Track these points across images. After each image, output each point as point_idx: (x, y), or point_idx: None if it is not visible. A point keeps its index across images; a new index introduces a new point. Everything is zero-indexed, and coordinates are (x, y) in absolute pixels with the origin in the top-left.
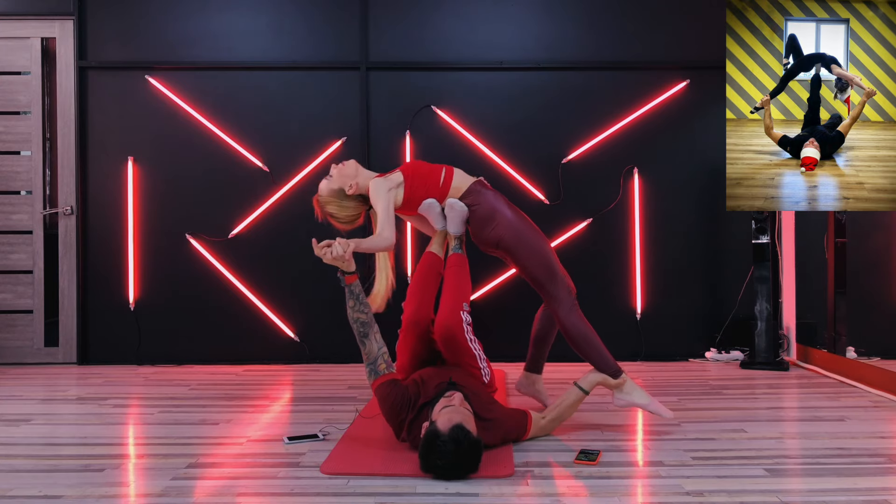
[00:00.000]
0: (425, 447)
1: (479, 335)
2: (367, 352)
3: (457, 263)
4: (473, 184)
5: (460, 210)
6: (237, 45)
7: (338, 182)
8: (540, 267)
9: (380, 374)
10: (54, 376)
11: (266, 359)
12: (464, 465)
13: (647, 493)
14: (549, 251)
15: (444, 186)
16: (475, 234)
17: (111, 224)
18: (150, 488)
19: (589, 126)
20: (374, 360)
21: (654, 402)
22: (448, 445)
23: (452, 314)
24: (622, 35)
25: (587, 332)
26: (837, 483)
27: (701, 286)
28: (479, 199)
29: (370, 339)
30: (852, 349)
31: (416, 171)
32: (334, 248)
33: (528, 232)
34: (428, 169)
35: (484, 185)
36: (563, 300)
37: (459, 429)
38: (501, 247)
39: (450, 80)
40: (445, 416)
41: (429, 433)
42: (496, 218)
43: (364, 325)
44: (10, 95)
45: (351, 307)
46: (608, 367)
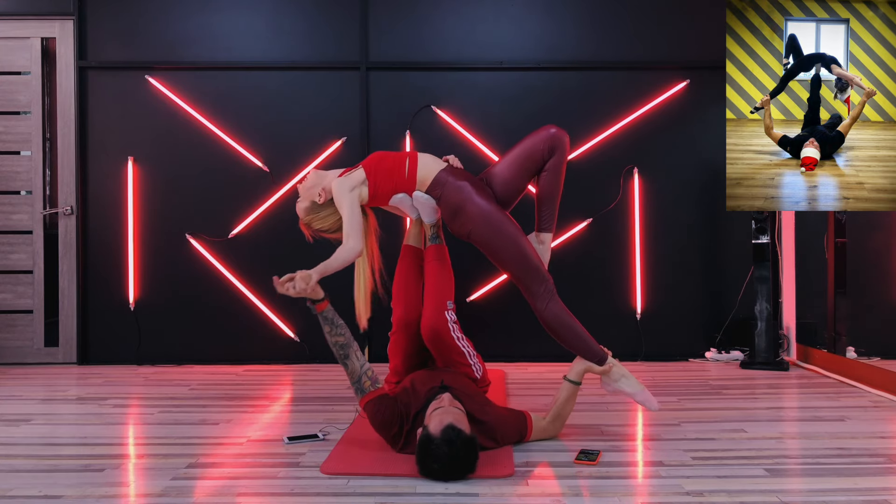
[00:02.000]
0: (420, 453)
1: (470, 334)
2: (350, 372)
3: (435, 257)
4: (440, 173)
5: (427, 202)
6: (237, 45)
7: (306, 197)
8: (514, 258)
9: (366, 391)
10: (54, 376)
11: (266, 359)
12: (460, 465)
13: (647, 493)
14: (523, 242)
15: (411, 178)
16: (447, 224)
17: (111, 224)
18: (150, 488)
19: (589, 126)
20: (357, 379)
21: (643, 392)
22: (441, 448)
23: (436, 316)
24: (622, 35)
25: (568, 321)
26: (837, 483)
27: (701, 286)
28: (445, 190)
29: (351, 360)
30: (852, 349)
31: (379, 166)
32: (296, 283)
33: (499, 223)
34: (392, 160)
35: (450, 172)
36: (539, 293)
37: (451, 429)
38: (472, 239)
39: (450, 80)
40: (437, 419)
41: (422, 438)
42: (465, 209)
43: (343, 348)
44: (10, 95)
45: (328, 332)
46: (593, 354)
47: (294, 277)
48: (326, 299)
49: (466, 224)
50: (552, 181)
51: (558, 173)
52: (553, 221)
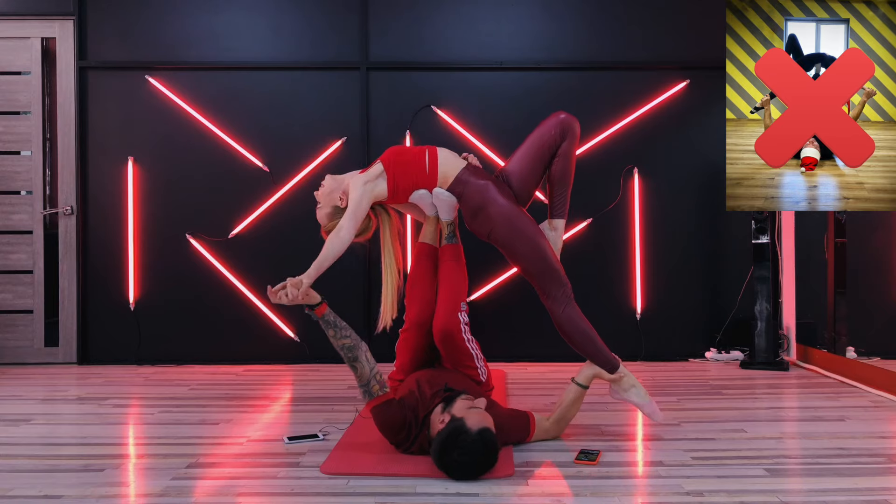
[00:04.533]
0: (448, 441)
1: (476, 334)
2: (359, 375)
3: (451, 257)
4: (462, 171)
5: (447, 199)
6: (237, 45)
7: (326, 203)
8: (534, 260)
9: (374, 395)
10: (54, 376)
11: (266, 359)
12: (480, 467)
13: (647, 493)
14: (543, 244)
15: (432, 173)
16: (467, 223)
17: (111, 224)
18: (150, 488)
19: (589, 126)
20: (366, 382)
21: (650, 405)
22: (476, 444)
23: (450, 317)
24: (622, 35)
25: (583, 328)
26: (837, 483)
27: (701, 286)
28: (467, 189)
29: (360, 363)
30: (852, 349)
31: (398, 159)
32: (288, 291)
33: (521, 224)
34: (411, 155)
35: (472, 172)
36: (557, 296)
37: (489, 431)
38: (493, 239)
39: (450, 80)
40: (476, 416)
41: (454, 428)
42: (487, 209)
43: (351, 350)
44: (10, 95)
45: (332, 336)
46: (606, 361)
47: (286, 285)
48: (324, 303)
49: (487, 224)
50: (564, 166)
51: (570, 158)
52: (565, 207)
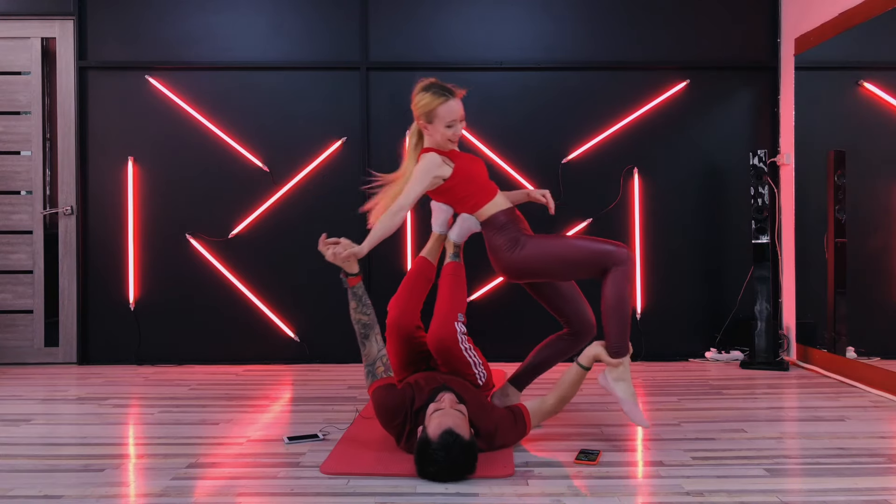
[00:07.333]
0: (418, 455)
1: (470, 334)
2: (366, 353)
3: (452, 273)
4: (499, 213)
5: (469, 228)
6: (237, 45)
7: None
8: (572, 273)
9: (377, 377)
10: (54, 376)
11: (266, 359)
12: (457, 469)
13: (647, 493)
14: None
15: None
16: (493, 261)
17: (111, 224)
18: (150, 488)
19: (589, 126)
20: (372, 362)
21: (632, 405)
22: (439, 453)
23: (446, 326)
24: (622, 35)
25: (622, 293)
26: (837, 483)
27: (701, 286)
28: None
29: (370, 341)
30: (852, 349)
31: (467, 175)
32: (338, 249)
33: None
34: (477, 186)
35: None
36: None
37: (449, 433)
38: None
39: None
40: (435, 421)
41: (420, 441)
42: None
43: (366, 327)
44: (10, 95)
45: (354, 309)
46: (620, 338)
47: (339, 242)
48: (360, 276)
49: (507, 273)
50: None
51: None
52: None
